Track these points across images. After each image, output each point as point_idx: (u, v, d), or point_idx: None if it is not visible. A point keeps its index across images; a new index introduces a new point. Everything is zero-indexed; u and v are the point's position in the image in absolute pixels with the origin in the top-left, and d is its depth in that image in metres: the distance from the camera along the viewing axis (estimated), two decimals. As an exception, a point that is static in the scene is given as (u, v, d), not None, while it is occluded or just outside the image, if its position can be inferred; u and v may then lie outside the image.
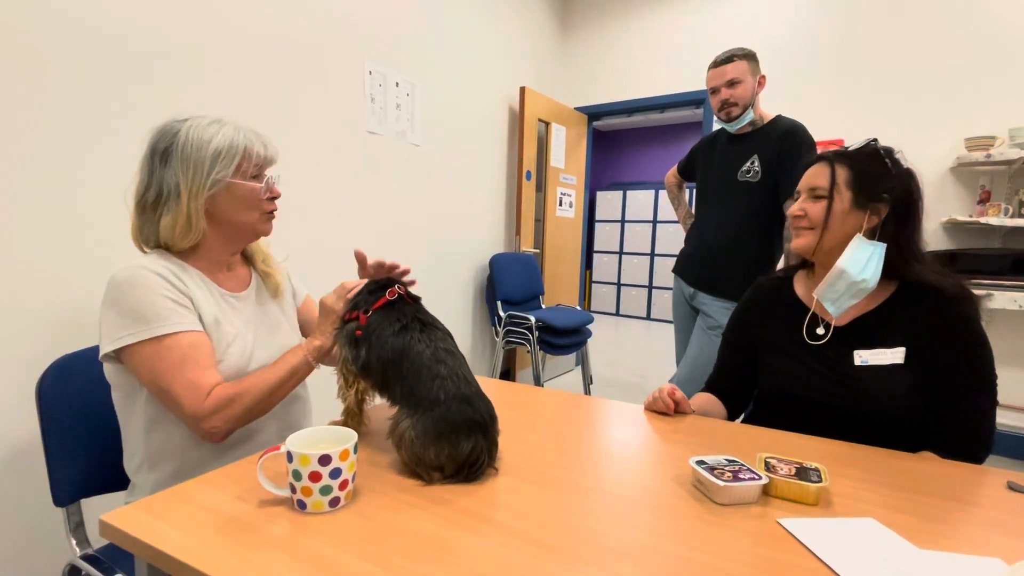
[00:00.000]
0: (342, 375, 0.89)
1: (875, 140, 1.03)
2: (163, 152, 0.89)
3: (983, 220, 2.47)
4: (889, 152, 1.01)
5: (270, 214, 0.98)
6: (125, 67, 1.46)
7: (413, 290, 0.93)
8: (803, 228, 1.06)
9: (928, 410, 0.97)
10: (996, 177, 2.62)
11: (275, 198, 0.98)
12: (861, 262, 0.98)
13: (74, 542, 0.97)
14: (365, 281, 0.91)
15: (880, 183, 0.99)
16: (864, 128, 2.83)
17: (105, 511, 0.64)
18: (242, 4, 1.75)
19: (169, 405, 0.85)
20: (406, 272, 0.97)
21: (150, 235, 0.92)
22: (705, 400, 1.20)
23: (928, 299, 0.98)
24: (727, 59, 1.84)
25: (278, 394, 0.90)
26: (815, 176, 1.05)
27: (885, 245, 0.99)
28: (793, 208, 1.08)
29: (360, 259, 0.99)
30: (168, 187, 0.89)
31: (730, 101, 1.84)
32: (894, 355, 0.98)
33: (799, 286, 1.14)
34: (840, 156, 1.03)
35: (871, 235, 1.00)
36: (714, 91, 1.88)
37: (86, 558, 0.94)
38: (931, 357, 0.96)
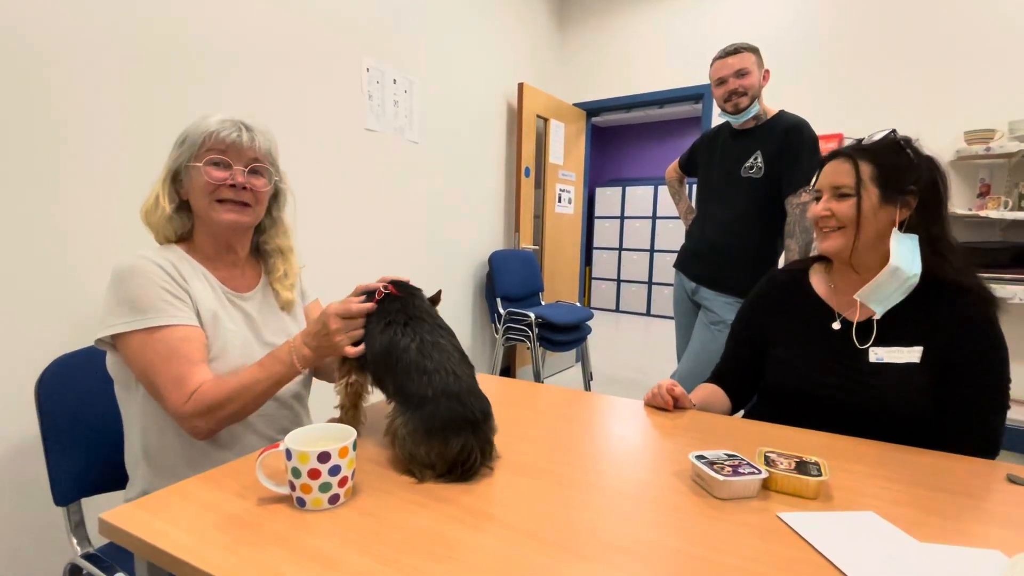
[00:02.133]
0: (340, 372, 0.89)
1: (894, 131, 1.00)
2: None
3: (983, 213, 2.46)
4: (908, 142, 0.98)
5: (224, 203, 0.91)
6: (120, 65, 1.45)
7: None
8: (831, 229, 1.02)
9: (939, 411, 0.95)
10: (996, 170, 2.61)
11: (237, 187, 0.91)
12: (910, 257, 0.95)
13: (75, 541, 0.97)
14: (366, 308, 0.85)
15: (906, 176, 0.96)
16: (863, 122, 2.82)
17: (106, 509, 0.64)
18: (237, 1, 1.74)
19: (156, 398, 0.85)
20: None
21: None
22: (708, 392, 1.18)
23: (949, 297, 0.95)
24: (734, 51, 1.83)
25: (262, 398, 0.88)
26: (837, 174, 1.00)
27: (918, 237, 0.96)
28: (817, 208, 1.03)
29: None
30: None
31: (739, 91, 1.82)
32: (911, 354, 0.96)
33: (816, 280, 1.12)
34: (861, 151, 0.99)
35: (900, 228, 0.97)
36: (721, 82, 1.86)
37: (87, 557, 0.94)
38: (947, 356, 0.94)
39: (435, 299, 0.94)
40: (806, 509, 0.68)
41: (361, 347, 0.84)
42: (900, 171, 0.96)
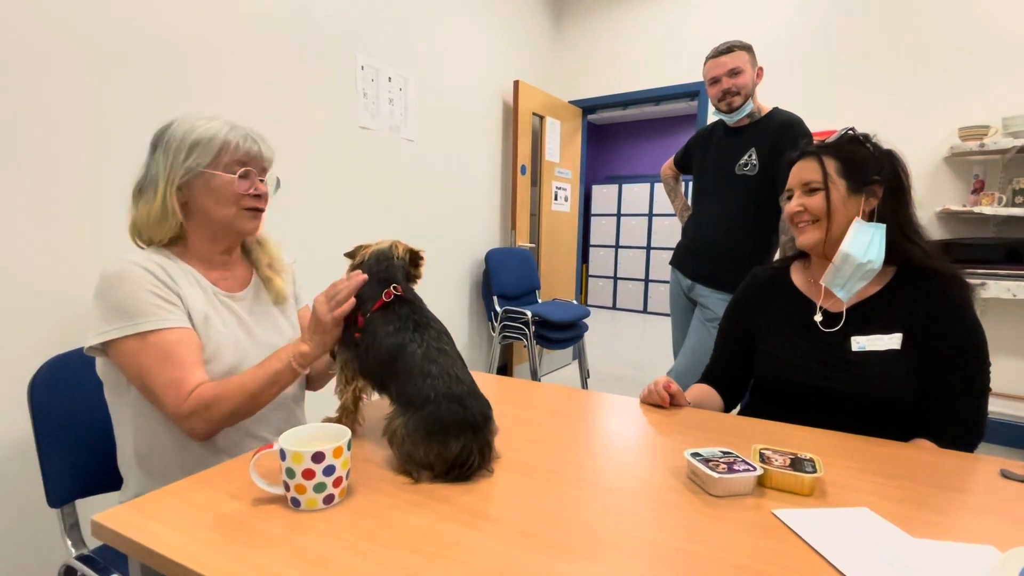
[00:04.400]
0: (342, 373, 0.89)
1: (852, 128, 1.06)
2: (155, 142, 0.91)
3: (977, 209, 2.48)
4: (867, 137, 1.05)
5: (252, 211, 0.94)
6: (114, 64, 1.44)
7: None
8: (806, 223, 1.06)
9: (923, 395, 0.98)
10: (990, 166, 2.62)
11: (260, 196, 0.95)
12: (864, 244, 0.99)
13: (69, 543, 0.97)
14: (357, 280, 0.86)
15: (869, 167, 1.01)
16: (857, 119, 2.83)
17: (100, 511, 0.64)
18: (231, -1, 1.73)
19: (152, 402, 0.85)
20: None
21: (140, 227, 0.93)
22: (701, 392, 1.20)
23: (926, 282, 0.99)
24: (727, 49, 1.83)
25: (261, 399, 0.87)
26: (805, 171, 1.06)
27: (885, 226, 1.00)
28: (791, 206, 1.08)
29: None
30: (151, 175, 0.90)
31: (732, 90, 1.82)
32: (891, 340, 0.99)
33: (796, 275, 1.15)
34: (824, 148, 1.06)
35: (870, 218, 1.02)
36: (714, 81, 1.86)
37: (82, 559, 0.94)
38: (928, 341, 0.97)
39: (416, 257, 0.93)
40: (801, 506, 0.68)
41: (350, 303, 0.84)
42: (862, 163, 1.02)
